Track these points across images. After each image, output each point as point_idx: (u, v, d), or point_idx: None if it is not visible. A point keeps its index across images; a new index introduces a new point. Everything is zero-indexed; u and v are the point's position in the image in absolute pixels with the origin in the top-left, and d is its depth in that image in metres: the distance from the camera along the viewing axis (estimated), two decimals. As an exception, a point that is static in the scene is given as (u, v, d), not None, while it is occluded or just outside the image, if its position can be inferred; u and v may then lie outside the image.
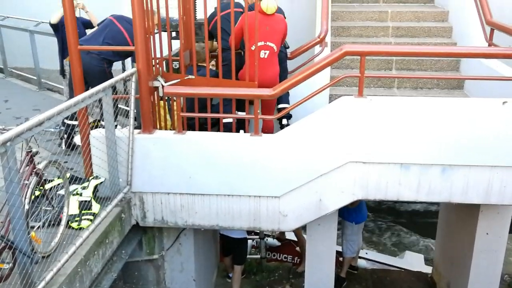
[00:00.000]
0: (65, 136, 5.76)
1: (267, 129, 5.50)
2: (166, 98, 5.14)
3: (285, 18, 5.62)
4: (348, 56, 5.89)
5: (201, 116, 5.20)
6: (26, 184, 3.48)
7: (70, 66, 4.84)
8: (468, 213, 5.85)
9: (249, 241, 8.46)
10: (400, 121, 4.63)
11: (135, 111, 4.76)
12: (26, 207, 3.32)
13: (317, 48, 6.15)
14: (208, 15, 5.00)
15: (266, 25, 5.21)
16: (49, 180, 4.39)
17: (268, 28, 5.24)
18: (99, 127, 4.99)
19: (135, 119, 4.93)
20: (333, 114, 4.68)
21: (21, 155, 3.52)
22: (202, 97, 5.06)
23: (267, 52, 5.29)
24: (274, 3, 5.29)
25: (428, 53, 5.70)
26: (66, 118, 5.38)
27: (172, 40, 5.60)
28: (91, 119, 5.31)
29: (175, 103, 5.02)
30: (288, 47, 6.15)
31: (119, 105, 5.07)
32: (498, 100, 4.52)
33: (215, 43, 5.96)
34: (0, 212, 3.46)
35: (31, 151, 3.61)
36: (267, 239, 8.23)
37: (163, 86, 4.93)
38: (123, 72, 7.09)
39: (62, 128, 5.80)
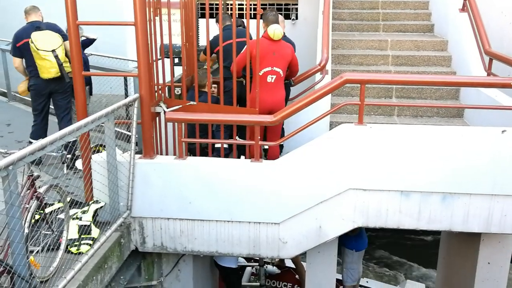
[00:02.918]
0: (68, 158, 5.77)
1: (273, 155, 5.51)
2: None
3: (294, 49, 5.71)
4: (348, 84, 5.95)
5: (202, 142, 5.24)
6: (27, 208, 3.48)
7: (74, 91, 4.88)
8: (469, 241, 5.81)
9: (249, 268, 8.38)
10: (400, 149, 4.65)
11: (136, 136, 4.80)
12: (26, 231, 3.32)
13: (318, 76, 6.21)
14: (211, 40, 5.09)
15: (273, 50, 5.31)
16: (50, 204, 4.39)
17: (275, 53, 5.33)
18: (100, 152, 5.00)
19: (136, 144, 4.95)
20: (334, 141, 4.71)
21: (22, 179, 3.53)
22: (203, 123, 5.10)
23: (274, 77, 5.36)
24: (280, 29, 5.37)
25: (427, 82, 5.76)
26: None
27: (175, 66, 5.68)
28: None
29: None
30: (292, 84, 6.24)
31: (120, 130, 5.10)
32: (498, 128, 4.55)
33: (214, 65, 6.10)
34: (0, 236, 3.45)
35: (32, 175, 3.63)
36: (266, 267, 8.15)
37: (165, 112, 4.99)
38: (125, 97, 7.18)
39: (64, 152, 5.81)
